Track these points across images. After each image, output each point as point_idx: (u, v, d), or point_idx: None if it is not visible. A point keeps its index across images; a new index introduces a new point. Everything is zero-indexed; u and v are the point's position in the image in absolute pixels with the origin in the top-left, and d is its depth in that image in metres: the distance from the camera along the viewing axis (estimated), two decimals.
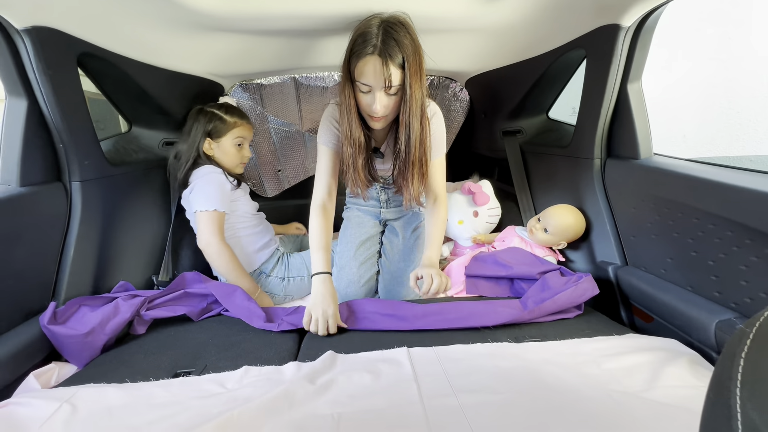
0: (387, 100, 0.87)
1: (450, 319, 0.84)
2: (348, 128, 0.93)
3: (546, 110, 1.44)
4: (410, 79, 0.83)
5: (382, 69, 0.81)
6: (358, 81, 0.85)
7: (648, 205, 0.91)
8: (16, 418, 0.59)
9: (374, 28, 0.81)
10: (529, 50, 1.20)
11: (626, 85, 0.95)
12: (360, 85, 0.85)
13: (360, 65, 0.82)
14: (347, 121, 0.92)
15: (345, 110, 0.91)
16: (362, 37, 0.81)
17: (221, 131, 1.17)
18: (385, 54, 0.80)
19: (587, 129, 1.06)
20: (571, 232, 1.10)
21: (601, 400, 0.57)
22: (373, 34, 0.80)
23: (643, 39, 0.91)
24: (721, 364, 0.23)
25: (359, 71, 0.83)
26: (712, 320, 0.71)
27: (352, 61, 0.84)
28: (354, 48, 0.83)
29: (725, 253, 0.74)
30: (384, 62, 0.80)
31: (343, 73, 0.88)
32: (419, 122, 0.90)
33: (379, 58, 0.80)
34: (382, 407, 0.59)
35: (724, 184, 0.74)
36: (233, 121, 1.19)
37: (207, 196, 1.08)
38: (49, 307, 0.79)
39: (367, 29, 0.81)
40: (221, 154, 1.19)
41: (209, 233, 1.06)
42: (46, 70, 0.79)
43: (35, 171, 0.84)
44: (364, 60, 0.81)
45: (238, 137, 1.20)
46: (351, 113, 0.91)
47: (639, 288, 0.90)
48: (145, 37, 0.97)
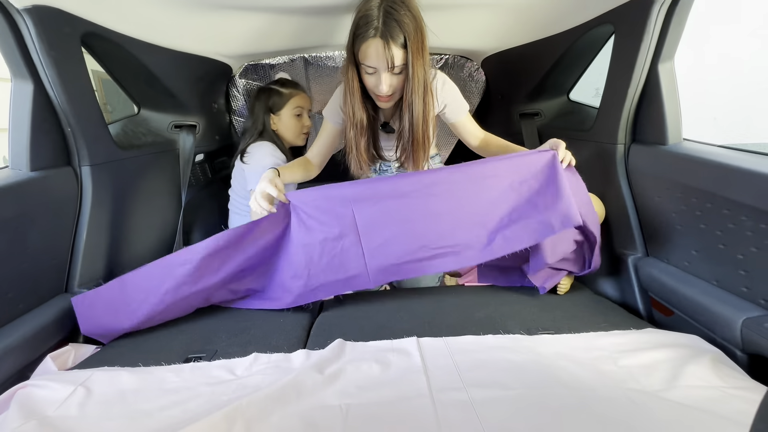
0: (392, 80, 0.87)
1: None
2: (351, 110, 0.93)
3: (567, 92, 1.37)
4: (412, 58, 0.83)
5: (384, 51, 0.81)
6: (362, 63, 0.85)
7: (674, 194, 0.86)
8: (33, 399, 0.61)
9: (374, 10, 0.80)
10: (552, 27, 1.12)
11: (657, 64, 0.88)
12: (365, 67, 0.85)
13: (363, 48, 0.82)
14: (350, 103, 0.92)
15: (348, 92, 0.91)
16: (364, 20, 0.81)
17: (280, 104, 1.24)
18: (386, 35, 0.80)
19: (612, 112, 0.99)
20: None
21: (617, 400, 0.56)
22: (374, 15, 0.79)
23: (679, 14, 0.83)
24: None
25: (363, 54, 0.83)
26: (738, 317, 0.68)
27: (355, 44, 0.84)
28: (356, 31, 0.83)
29: (757, 247, 0.70)
30: (386, 44, 0.80)
31: (346, 55, 0.88)
32: (422, 100, 0.90)
33: (381, 40, 0.80)
34: (391, 400, 0.59)
35: (759, 173, 0.69)
36: (289, 92, 1.24)
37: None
38: None
39: (367, 11, 0.80)
40: (283, 127, 1.26)
41: None
42: (50, 51, 0.77)
43: (45, 155, 0.83)
44: (366, 43, 0.81)
45: (297, 107, 1.25)
46: (354, 95, 0.91)
47: (660, 280, 0.86)
48: (150, 16, 0.94)
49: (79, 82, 0.86)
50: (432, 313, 0.87)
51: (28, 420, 0.56)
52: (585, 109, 1.28)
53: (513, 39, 1.25)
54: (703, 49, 1.58)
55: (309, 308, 0.94)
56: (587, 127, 1.12)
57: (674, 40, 0.86)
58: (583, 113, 1.27)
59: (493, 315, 0.85)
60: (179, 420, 0.56)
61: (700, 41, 1.57)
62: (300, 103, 1.26)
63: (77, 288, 0.87)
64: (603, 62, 1.03)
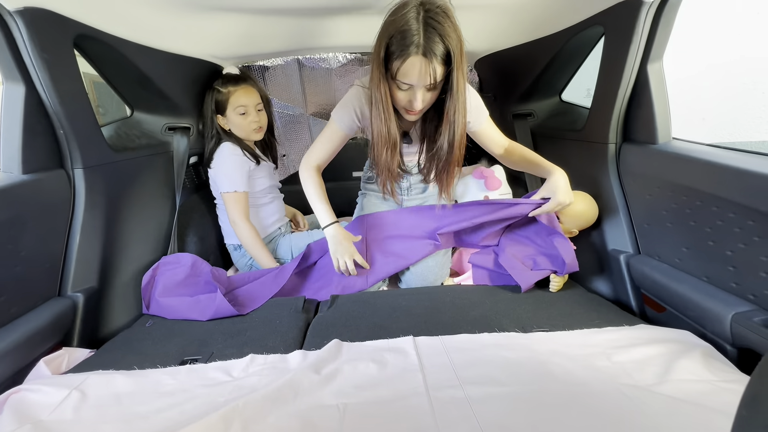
0: (427, 96, 0.81)
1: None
2: (385, 129, 0.86)
3: (559, 92, 1.38)
4: (456, 73, 0.77)
5: (427, 68, 0.74)
6: (398, 80, 0.79)
7: (665, 193, 0.88)
8: (27, 404, 0.60)
9: (414, 22, 0.72)
10: (544, 28, 1.14)
11: (646, 64, 0.90)
12: (399, 83, 0.79)
13: (402, 65, 0.76)
14: (384, 121, 0.85)
15: (382, 109, 0.84)
16: (402, 35, 0.73)
17: (223, 105, 1.19)
18: (429, 52, 0.73)
19: (603, 112, 1.01)
20: (583, 220, 1.07)
21: (610, 395, 0.56)
22: (414, 29, 0.72)
23: (667, 15, 0.85)
24: (758, 379, 0.21)
25: (402, 72, 0.77)
26: (728, 312, 0.69)
27: (391, 60, 0.77)
28: (392, 46, 0.75)
29: (745, 244, 0.71)
30: (428, 61, 0.74)
31: (376, 69, 0.80)
32: (464, 117, 0.84)
33: (423, 57, 0.74)
34: (388, 398, 0.59)
35: (747, 170, 0.71)
36: (227, 90, 1.18)
37: (229, 178, 1.16)
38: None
39: (406, 25, 0.73)
40: (232, 126, 1.22)
41: (235, 213, 1.16)
42: (42, 54, 0.76)
43: (37, 158, 0.83)
44: (407, 61, 0.74)
45: (238, 106, 1.18)
46: (388, 113, 0.84)
47: (652, 277, 0.87)
48: (142, 18, 0.94)
49: (72, 84, 0.85)
50: (428, 313, 0.87)
51: (22, 425, 0.55)
52: (577, 110, 1.29)
53: (506, 40, 1.26)
54: (692, 50, 1.61)
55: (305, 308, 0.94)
56: (579, 127, 1.14)
57: (662, 42, 0.88)
58: (575, 113, 1.29)
59: (488, 314, 0.86)
60: (176, 422, 0.56)
61: (689, 42, 1.60)
62: (241, 101, 1.18)
63: (71, 292, 0.86)
64: (594, 63, 1.05)
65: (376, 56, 0.79)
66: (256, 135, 1.23)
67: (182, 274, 1.01)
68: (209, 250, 1.29)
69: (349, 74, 1.49)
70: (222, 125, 1.21)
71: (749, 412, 0.21)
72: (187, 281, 1.01)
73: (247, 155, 1.20)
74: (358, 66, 1.47)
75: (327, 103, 1.59)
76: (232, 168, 1.17)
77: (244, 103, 1.18)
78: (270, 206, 1.29)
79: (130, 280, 1.00)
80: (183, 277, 1.01)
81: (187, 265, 1.04)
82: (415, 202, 1.20)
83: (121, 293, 0.97)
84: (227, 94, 1.18)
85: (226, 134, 1.22)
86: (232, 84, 1.19)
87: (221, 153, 1.18)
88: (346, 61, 1.44)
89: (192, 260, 1.05)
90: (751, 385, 0.21)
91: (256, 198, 1.25)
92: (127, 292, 0.99)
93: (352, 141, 1.67)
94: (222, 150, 1.18)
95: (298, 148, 1.67)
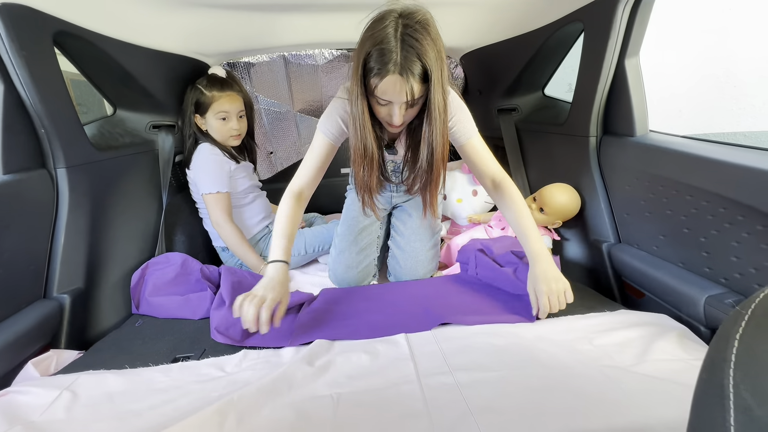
0: (407, 111, 0.80)
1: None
2: (362, 145, 0.83)
3: (542, 87, 1.42)
4: (433, 90, 0.75)
5: (404, 86, 0.73)
6: (376, 96, 0.77)
7: (642, 183, 0.91)
8: (17, 406, 0.60)
9: (392, 40, 0.70)
10: (526, 24, 1.16)
11: (624, 60, 0.93)
12: (378, 98, 0.78)
13: (379, 83, 0.74)
14: (361, 137, 0.82)
15: (359, 125, 0.81)
16: (379, 53, 0.71)
17: (204, 107, 1.17)
18: (406, 71, 0.71)
19: (583, 106, 1.04)
20: (566, 212, 1.11)
21: (593, 376, 0.59)
22: (392, 47, 0.70)
23: (642, 12, 0.88)
24: (715, 345, 0.23)
25: (380, 89, 0.75)
26: (701, 295, 0.73)
27: (368, 77, 0.75)
28: (370, 63, 0.73)
29: (717, 230, 0.75)
30: (405, 79, 0.72)
31: (355, 84, 0.77)
32: (443, 136, 0.82)
33: (400, 76, 0.72)
34: (380, 387, 0.60)
35: (718, 161, 0.74)
36: (211, 94, 1.15)
37: (211, 179, 1.14)
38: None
39: (384, 42, 0.71)
40: (210, 129, 1.19)
41: (218, 215, 1.14)
42: (21, 51, 0.75)
43: (18, 158, 0.81)
44: (384, 79, 0.73)
45: (219, 112, 1.15)
46: (365, 128, 0.82)
47: (631, 265, 0.91)
48: (124, 13, 0.93)
49: (52, 82, 0.83)
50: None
51: (12, 426, 0.55)
52: (559, 104, 1.33)
53: (490, 36, 1.28)
54: (669, 46, 1.66)
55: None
56: (561, 121, 1.17)
57: (639, 37, 0.91)
58: (557, 108, 1.32)
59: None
60: (170, 417, 0.56)
61: (666, 38, 1.65)
62: (224, 107, 1.15)
63: (57, 293, 0.85)
64: (575, 59, 1.08)
65: (354, 71, 0.77)
66: (233, 141, 1.21)
67: (172, 273, 1.00)
68: (198, 250, 1.28)
69: (335, 71, 1.49)
70: (199, 125, 1.18)
71: (708, 375, 0.23)
72: (178, 280, 1.00)
73: (226, 155, 1.18)
74: (345, 62, 1.47)
75: (313, 100, 1.58)
76: (212, 168, 1.15)
77: (227, 109, 1.16)
78: (253, 205, 1.27)
79: (118, 280, 0.99)
80: (173, 275, 1.00)
81: (177, 263, 1.03)
82: (403, 198, 1.21)
83: (109, 294, 0.96)
84: (211, 98, 1.15)
85: (203, 134, 1.19)
86: (218, 89, 1.16)
87: (200, 154, 1.16)
88: (332, 58, 1.44)
89: (182, 259, 1.04)
90: (710, 352, 0.24)
91: (238, 198, 1.23)
92: (115, 292, 0.98)
93: None
94: (201, 151, 1.16)
95: (285, 145, 1.67)
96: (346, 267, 1.11)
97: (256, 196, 1.29)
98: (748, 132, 1.58)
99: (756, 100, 1.56)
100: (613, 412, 0.52)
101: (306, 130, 1.64)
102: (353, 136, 0.84)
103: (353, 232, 1.15)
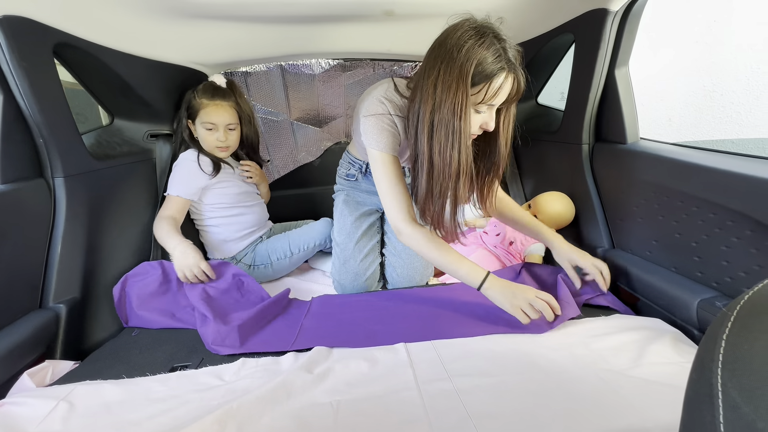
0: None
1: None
2: (466, 159, 0.77)
3: (535, 96, 1.44)
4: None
5: (514, 85, 0.76)
6: (483, 103, 0.76)
7: (634, 189, 0.93)
8: (12, 417, 0.59)
9: (489, 38, 0.72)
10: (518, 35, 1.19)
11: (614, 69, 0.96)
12: (481, 107, 0.77)
13: (491, 86, 0.74)
14: (462, 153, 0.76)
15: (461, 140, 0.75)
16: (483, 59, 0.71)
17: (194, 113, 1.15)
18: (514, 68, 0.75)
19: (576, 114, 1.06)
20: (561, 220, 1.12)
21: (589, 380, 0.60)
22: (497, 48, 0.72)
23: (630, 23, 0.91)
24: (703, 346, 0.24)
25: (490, 93, 0.74)
26: (694, 299, 0.74)
27: (476, 84, 0.73)
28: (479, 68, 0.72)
29: (707, 235, 0.77)
30: (515, 77, 0.76)
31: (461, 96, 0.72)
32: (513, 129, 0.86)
33: (512, 74, 0.75)
34: (380, 393, 0.61)
35: (706, 167, 0.76)
36: (200, 101, 1.13)
37: (177, 181, 1.12)
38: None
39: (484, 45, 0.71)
40: (199, 136, 1.17)
41: (166, 212, 1.10)
42: (21, 62, 0.75)
43: (16, 167, 0.81)
44: (496, 80, 0.73)
45: (205, 122, 1.13)
46: (467, 142, 0.77)
47: (625, 270, 0.92)
48: (123, 25, 0.94)
49: (52, 92, 0.84)
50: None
51: None
52: (552, 112, 1.35)
53: None
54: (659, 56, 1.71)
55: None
56: (554, 129, 1.19)
57: (628, 48, 0.94)
58: (550, 116, 1.35)
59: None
60: (169, 427, 0.56)
61: (655, 49, 1.70)
62: (210, 117, 1.12)
63: (52, 303, 0.84)
64: (567, 68, 1.10)
65: (456, 82, 0.72)
66: (220, 153, 1.17)
67: (155, 282, 0.97)
68: None
69: (332, 80, 1.51)
70: (192, 131, 1.17)
71: (697, 374, 0.24)
72: (162, 288, 0.97)
73: (204, 170, 1.12)
74: (341, 72, 1.49)
75: (310, 109, 1.60)
76: (182, 173, 1.13)
77: (213, 120, 1.13)
78: (245, 218, 1.22)
79: None
80: (157, 285, 0.97)
81: (158, 272, 1.00)
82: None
83: (106, 303, 0.96)
84: (198, 105, 1.13)
85: (192, 141, 1.17)
86: (208, 97, 1.13)
87: (180, 157, 1.15)
88: (329, 68, 1.46)
89: (161, 267, 1.00)
90: (699, 353, 0.25)
91: (220, 209, 1.18)
92: (111, 302, 0.97)
93: (336, 146, 1.70)
94: (182, 155, 1.15)
95: (282, 154, 1.67)
96: (354, 276, 1.09)
97: (248, 207, 1.24)
98: (736, 139, 1.62)
99: (742, 108, 1.60)
100: (609, 415, 0.53)
101: (302, 138, 1.65)
102: (452, 151, 0.76)
103: (353, 239, 1.13)
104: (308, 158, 1.68)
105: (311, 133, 1.65)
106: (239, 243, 1.22)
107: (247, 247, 1.23)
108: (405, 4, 1.00)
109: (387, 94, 0.90)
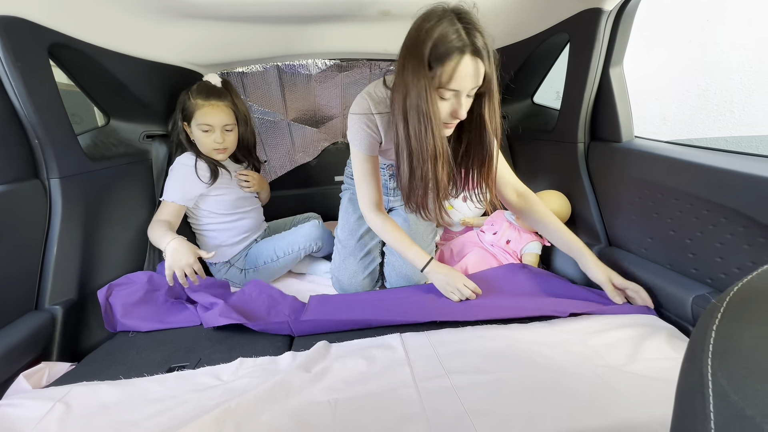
0: (468, 102, 0.78)
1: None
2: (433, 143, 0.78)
3: (531, 95, 1.45)
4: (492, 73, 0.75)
5: (475, 68, 0.72)
6: (441, 89, 0.74)
7: (629, 187, 0.94)
8: (8, 419, 0.59)
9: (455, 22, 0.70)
10: (513, 35, 1.20)
11: (608, 69, 0.97)
12: (443, 91, 0.75)
13: (453, 69, 0.71)
14: (433, 135, 0.77)
15: (431, 122, 0.76)
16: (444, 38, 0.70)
17: (189, 114, 1.11)
18: (477, 50, 0.71)
19: (571, 113, 1.07)
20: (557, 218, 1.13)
21: (585, 376, 0.60)
22: (457, 29, 0.70)
23: (624, 23, 0.92)
24: (694, 337, 0.24)
25: (448, 75, 0.72)
26: (689, 296, 0.75)
27: (435, 67, 0.72)
28: (437, 50, 0.71)
29: (701, 232, 0.78)
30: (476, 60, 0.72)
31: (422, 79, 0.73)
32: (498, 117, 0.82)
33: (471, 56, 0.71)
34: (377, 391, 0.61)
35: (700, 165, 0.77)
36: (195, 102, 1.10)
37: (171, 188, 1.11)
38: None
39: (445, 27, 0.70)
40: (195, 139, 1.14)
41: (161, 215, 1.09)
42: (16, 63, 0.75)
43: (10, 168, 0.81)
44: (460, 63, 0.70)
45: (201, 123, 1.10)
46: (438, 125, 0.77)
47: (621, 267, 0.93)
48: (118, 25, 0.94)
49: (47, 93, 0.84)
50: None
51: None
52: (548, 111, 1.36)
53: None
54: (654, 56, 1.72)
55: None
56: (550, 128, 1.20)
57: (622, 47, 0.95)
58: (546, 115, 1.35)
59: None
60: (167, 427, 0.56)
61: (649, 48, 1.71)
62: (206, 118, 1.09)
63: (48, 304, 0.84)
64: (562, 68, 1.11)
65: (416, 65, 0.73)
66: (217, 155, 1.14)
67: (140, 291, 0.96)
68: None
69: (328, 80, 1.51)
70: (188, 133, 1.14)
71: (688, 364, 0.24)
72: (147, 297, 0.96)
73: (201, 177, 1.11)
74: (338, 72, 1.49)
75: (307, 109, 1.60)
76: (178, 179, 1.11)
77: (209, 122, 1.10)
78: (241, 223, 1.22)
79: None
80: (142, 294, 0.95)
81: (143, 281, 0.98)
82: (399, 202, 1.21)
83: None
84: (193, 106, 1.10)
85: (189, 143, 1.14)
86: (203, 97, 1.10)
87: (177, 161, 1.13)
88: (325, 68, 1.46)
89: (146, 277, 0.99)
90: (690, 344, 0.25)
91: (217, 216, 1.18)
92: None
93: (333, 146, 1.70)
94: (178, 159, 1.13)
95: (278, 154, 1.67)
96: (352, 273, 1.10)
97: (246, 212, 1.23)
98: (729, 137, 1.64)
99: (735, 106, 1.62)
100: (605, 410, 0.53)
101: (300, 138, 1.66)
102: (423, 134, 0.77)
103: (355, 236, 1.13)
104: (305, 159, 1.69)
105: (308, 133, 1.65)
106: (234, 247, 1.21)
107: (241, 252, 1.23)
108: (401, 3, 1.01)
109: (371, 89, 0.92)
